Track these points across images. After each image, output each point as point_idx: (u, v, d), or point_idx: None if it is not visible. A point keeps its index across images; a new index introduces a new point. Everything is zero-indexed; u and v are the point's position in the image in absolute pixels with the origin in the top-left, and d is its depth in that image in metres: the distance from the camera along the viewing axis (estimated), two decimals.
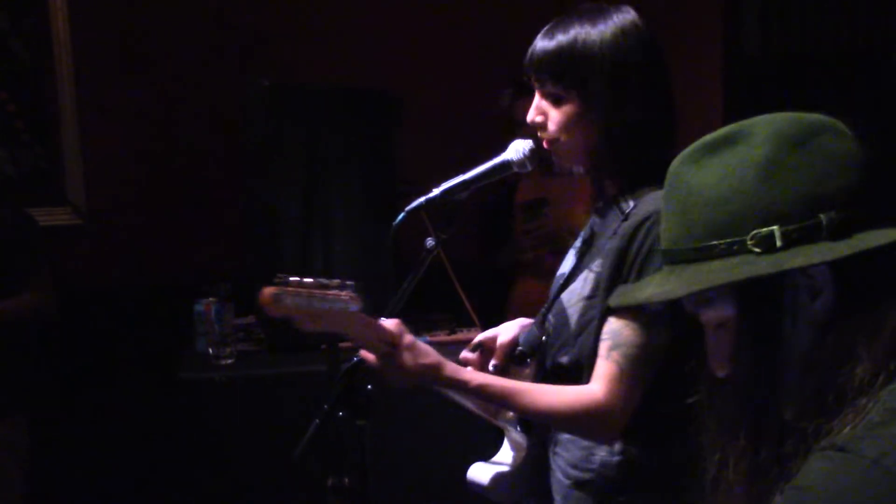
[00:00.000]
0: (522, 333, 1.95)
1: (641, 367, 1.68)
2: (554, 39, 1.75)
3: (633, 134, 1.74)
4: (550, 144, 1.81)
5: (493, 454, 2.02)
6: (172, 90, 4.13)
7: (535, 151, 1.85)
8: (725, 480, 1.18)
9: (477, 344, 1.97)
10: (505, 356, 1.96)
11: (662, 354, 1.68)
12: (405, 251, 2.00)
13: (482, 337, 1.98)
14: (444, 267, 1.96)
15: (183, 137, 4.16)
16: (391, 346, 1.69)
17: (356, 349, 1.75)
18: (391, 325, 1.71)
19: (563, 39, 1.74)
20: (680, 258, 1.17)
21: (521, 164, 1.86)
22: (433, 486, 3.00)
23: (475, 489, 1.96)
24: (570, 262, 1.91)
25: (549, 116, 1.79)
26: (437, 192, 1.84)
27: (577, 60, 1.73)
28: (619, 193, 1.79)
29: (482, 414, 1.92)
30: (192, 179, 4.17)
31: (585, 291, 1.78)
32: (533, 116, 1.81)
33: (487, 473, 1.94)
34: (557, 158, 1.83)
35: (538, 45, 1.78)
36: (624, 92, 1.73)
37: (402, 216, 1.83)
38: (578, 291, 1.80)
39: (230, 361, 3.17)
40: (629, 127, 1.73)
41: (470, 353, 1.97)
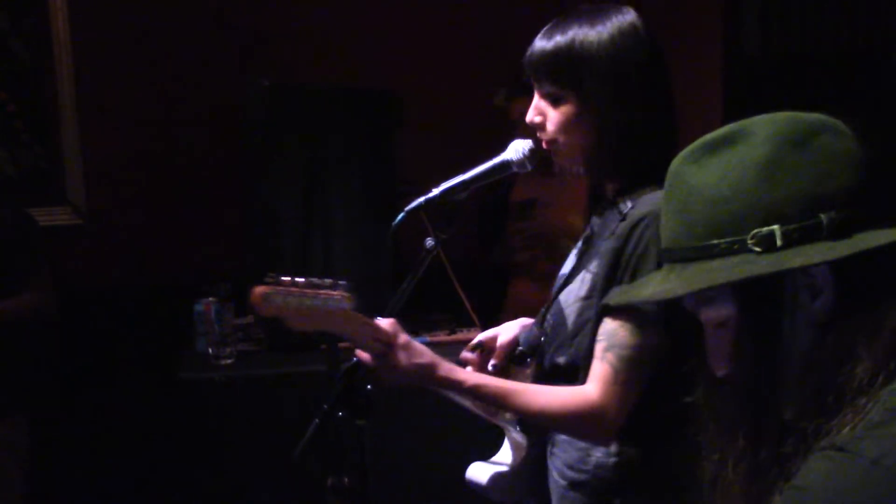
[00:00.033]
0: (523, 333, 1.95)
1: (636, 368, 1.67)
2: (552, 40, 1.75)
3: (631, 134, 1.73)
4: (549, 145, 1.81)
5: (492, 454, 2.02)
6: (172, 90, 4.12)
7: (534, 151, 1.85)
8: (724, 480, 1.18)
9: (477, 344, 1.97)
10: (505, 356, 1.96)
11: (658, 356, 1.67)
12: (405, 251, 2.00)
13: (482, 337, 1.99)
14: (443, 267, 1.96)
15: (183, 137, 4.16)
16: (386, 345, 1.69)
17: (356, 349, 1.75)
18: (387, 324, 1.71)
19: (560, 40, 1.74)
20: (680, 257, 1.17)
21: (520, 163, 1.86)
22: (433, 486, 3.00)
23: (474, 489, 1.97)
24: (570, 262, 1.91)
25: (547, 117, 1.79)
26: (436, 192, 1.84)
27: (574, 61, 1.73)
28: (618, 194, 1.78)
29: (482, 414, 1.92)
30: (192, 179, 4.16)
31: (582, 292, 1.78)
32: (532, 117, 1.81)
33: (486, 473, 1.94)
34: (556, 159, 1.83)
35: (537, 45, 1.78)
36: (622, 93, 1.72)
37: (401, 216, 1.83)
38: (575, 292, 1.79)
39: (230, 361, 3.18)
40: (627, 127, 1.73)
41: (470, 352, 1.97)
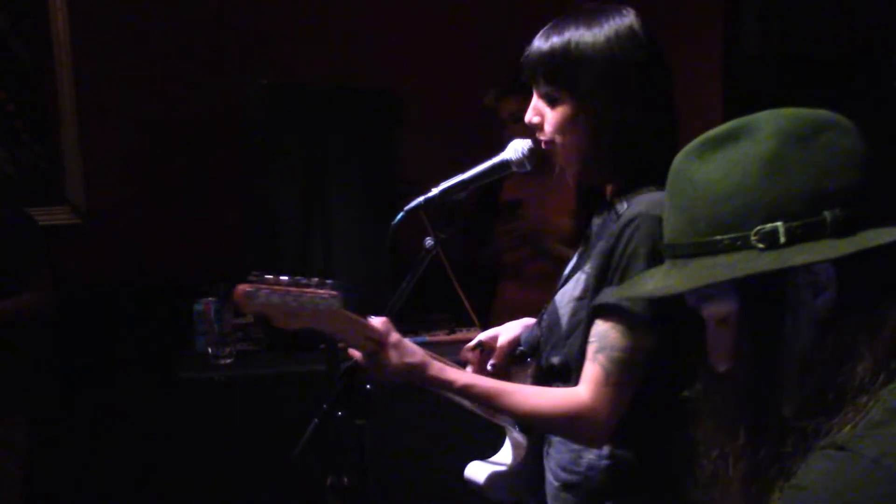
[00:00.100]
0: (525, 333, 1.95)
1: (628, 370, 1.65)
2: (548, 41, 1.75)
3: (629, 135, 1.72)
4: (547, 145, 1.81)
5: (492, 454, 2.02)
6: (172, 90, 4.12)
7: (533, 151, 1.85)
8: (723, 479, 1.17)
9: (477, 343, 1.97)
10: (504, 356, 1.96)
11: (650, 358, 1.66)
12: (404, 251, 2.00)
13: (483, 336, 1.98)
14: (443, 267, 1.96)
15: (183, 137, 4.16)
16: (377, 343, 1.69)
17: None
18: (378, 322, 1.71)
19: (556, 41, 1.74)
20: (682, 253, 1.17)
21: (519, 163, 1.86)
22: (433, 485, 3.00)
23: (473, 488, 1.97)
24: (571, 262, 1.91)
25: (545, 117, 1.78)
26: (435, 191, 1.84)
27: (569, 62, 1.72)
28: (616, 195, 1.78)
29: (482, 414, 1.91)
30: (192, 179, 4.16)
31: (576, 292, 1.77)
32: (530, 117, 1.81)
33: (484, 472, 1.94)
34: (555, 159, 1.83)
35: (534, 45, 1.78)
36: (619, 94, 1.72)
37: (400, 216, 1.83)
38: (570, 292, 1.79)
39: (229, 361, 3.18)
40: (625, 128, 1.72)
41: (470, 351, 1.97)
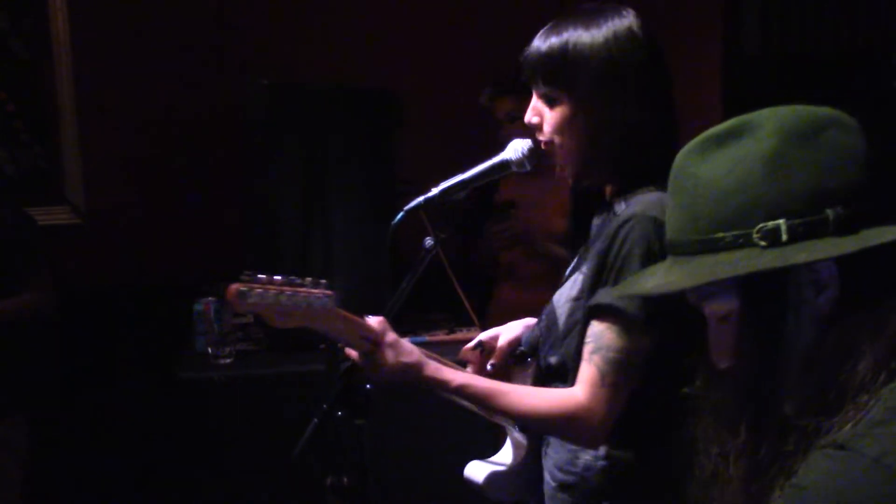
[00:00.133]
0: (526, 333, 1.95)
1: (623, 371, 1.65)
2: (547, 42, 1.75)
3: (628, 136, 1.72)
4: (547, 145, 1.81)
5: (492, 454, 2.02)
6: (172, 90, 4.12)
7: (533, 151, 1.84)
8: (723, 476, 1.17)
9: (477, 343, 1.97)
10: (504, 356, 1.96)
11: (646, 358, 1.65)
12: (404, 251, 2.00)
13: (483, 336, 1.98)
14: (442, 267, 1.96)
15: (183, 137, 4.16)
16: (374, 343, 1.69)
17: None
18: (374, 322, 1.71)
19: (555, 42, 1.74)
20: (684, 250, 1.17)
21: (519, 163, 1.86)
22: (433, 485, 3.00)
23: (472, 487, 1.96)
24: (572, 263, 1.91)
25: (544, 117, 1.78)
26: (435, 191, 1.84)
27: (567, 63, 1.72)
28: (614, 195, 1.78)
29: (483, 413, 1.91)
30: (192, 179, 4.16)
31: (573, 292, 1.77)
32: (530, 117, 1.81)
33: (483, 472, 1.94)
34: (554, 159, 1.83)
35: (532, 46, 1.78)
36: (617, 95, 1.71)
37: (400, 216, 1.83)
38: (567, 292, 1.79)
39: (229, 361, 3.18)
40: (623, 129, 1.72)
41: (470, 351, 1.97)
